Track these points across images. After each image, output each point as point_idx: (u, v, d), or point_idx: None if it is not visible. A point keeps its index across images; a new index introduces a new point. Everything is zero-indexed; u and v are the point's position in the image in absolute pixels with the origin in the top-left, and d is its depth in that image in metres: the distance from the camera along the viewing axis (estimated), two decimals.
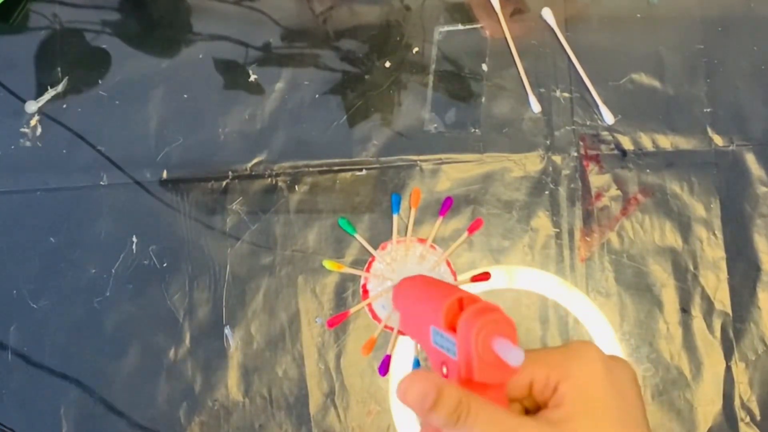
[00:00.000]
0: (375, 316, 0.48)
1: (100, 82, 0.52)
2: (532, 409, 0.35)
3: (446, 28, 0.53)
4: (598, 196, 0.50)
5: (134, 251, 0.49)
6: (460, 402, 0.32)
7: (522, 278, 0.48)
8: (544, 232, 0.49)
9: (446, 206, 0.49)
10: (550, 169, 0.50)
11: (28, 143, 0.51)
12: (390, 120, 0.51)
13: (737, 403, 0.46)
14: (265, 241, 0.49)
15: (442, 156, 0.50)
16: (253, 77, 0.52)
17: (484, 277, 0.49)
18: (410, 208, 0.49)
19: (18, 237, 0.50)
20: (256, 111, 0.51)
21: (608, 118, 0.51)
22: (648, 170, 0.50)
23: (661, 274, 0.48)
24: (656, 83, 0.52)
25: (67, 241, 0.50)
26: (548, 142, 0.51)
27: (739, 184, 0.50)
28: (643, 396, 0.35)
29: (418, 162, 0.50)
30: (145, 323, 0.48)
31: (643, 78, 0.52)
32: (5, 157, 0.51)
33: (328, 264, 0.48)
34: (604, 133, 0.51)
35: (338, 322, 0.47)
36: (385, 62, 0.52)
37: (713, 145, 0.51)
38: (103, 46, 0.53)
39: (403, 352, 0.47)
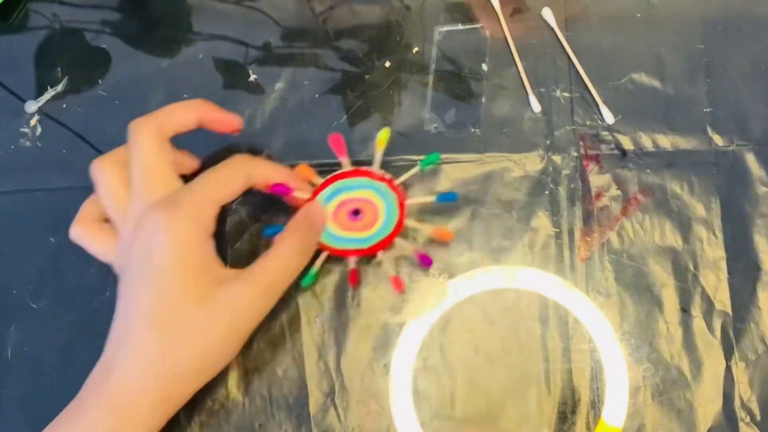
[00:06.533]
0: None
1: (100, 82, 0.52)
2: None
3: (446, 28, 0.53)
4: (598, 196, 0.50)
5: None
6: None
7: (522, 278, 0.48)
8: (544, 232, 0.49)
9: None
10: (550, 169, 0.50)
11: (28, 143, 0.51)
12: (390, 120, 0.51)
13: (737, 403, 0.46)
14: (265, 241, 0.49)
15: (442, 156, 0.50)
16: (253, 77, 0.52)
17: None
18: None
19: (18, 237, 0.50)
20: (256, 111, 0.51)
21: (608, 117, 0.51)
22: (648, 170, 0.50)
23: (661, 274, 0.48)
24: (656, 83, 0.52)
25: (67, 241, 0.49)
26: (548, 142, 0.51)
27: (739, 184, 0.50)
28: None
29: (418, 162, 0.50)
30: None
31: (643, 78, 0.52)
32: (5, 157, 0.51)
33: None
34: (604, 133, 0.51)
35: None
36: (385, 62, 0.52)
37: (713, 145, 0.51)
38: (103, 46, 0.53)
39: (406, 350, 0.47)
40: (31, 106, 0.52)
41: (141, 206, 0.40)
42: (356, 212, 0.47)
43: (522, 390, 0.47)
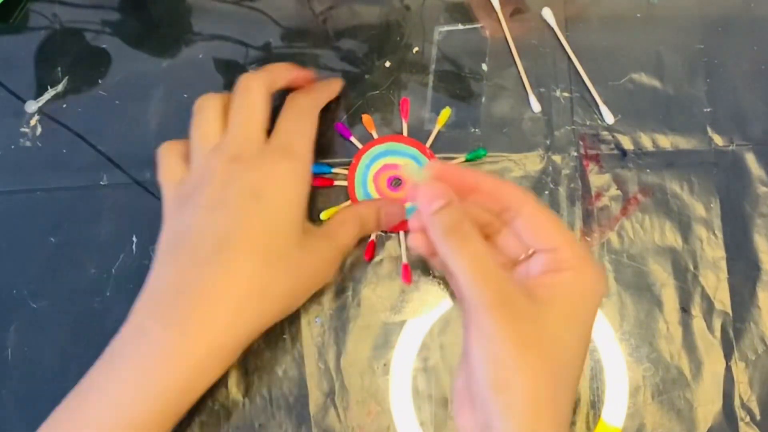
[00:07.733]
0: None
1: (100, 82, 0.52)
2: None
3: (446, 28, 0.53)
4: (598, 196, 0.50)
5: (134, 251, 0.49)
6: (462, 220, 0.36)
7: None
8: None
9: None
10: (550, 168, 0.50)
11: (28, 143, 0.51)
12: (390, 120, 0.51)
13: (737, 402, 0.46)
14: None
15: (442, 156, 0.50)
16: None
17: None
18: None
19: (18, 237, 0.50)
20: None
21: (608, 117, 0.51)
22: (648, 170, 0.50)
23: (661, 274, 0.49)
24: (656, 83, 0.52)
25: (67, 241, 0.50)
26: (548, 141, 0.51)
27: (739, 184, 0.50)
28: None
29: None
30: None
31: (643, 78, 0.52)
32: (5, 157, 0.51)
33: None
34: (604, 133, 0.51)
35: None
36: (385, 62, 0.52)
37: (713, 145, 0.51)
38: (103, 46, 0.53)
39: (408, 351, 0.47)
40: (31, 106, 0.52)
41: (237, 146, 0.42)
42: (397, 183, 0.49)
43: None
